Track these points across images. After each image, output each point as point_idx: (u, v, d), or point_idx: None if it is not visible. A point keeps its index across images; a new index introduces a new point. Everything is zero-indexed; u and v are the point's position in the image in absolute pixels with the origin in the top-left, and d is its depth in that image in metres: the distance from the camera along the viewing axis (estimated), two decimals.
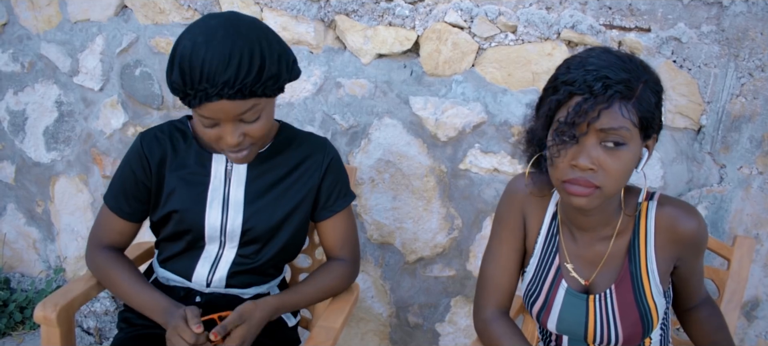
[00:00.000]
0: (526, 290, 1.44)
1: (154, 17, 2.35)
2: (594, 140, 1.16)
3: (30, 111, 2.71)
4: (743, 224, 1.92)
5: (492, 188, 2.11)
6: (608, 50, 1.19)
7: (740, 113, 1.82)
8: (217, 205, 1.52)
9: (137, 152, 1.52)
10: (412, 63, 2.08)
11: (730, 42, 1.77)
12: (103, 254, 1.58)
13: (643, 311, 1.32)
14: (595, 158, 1.16)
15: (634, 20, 1.83)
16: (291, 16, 2.14)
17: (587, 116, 1.13)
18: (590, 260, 1.37)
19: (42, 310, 1.50)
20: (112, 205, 1.57)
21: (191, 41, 1.28)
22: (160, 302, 1.49)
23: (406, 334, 2.41)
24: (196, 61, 1.26)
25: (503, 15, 1.93)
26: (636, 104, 1.14)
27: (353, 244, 1.68)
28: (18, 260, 3.04)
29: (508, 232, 1.45)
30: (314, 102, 2.21)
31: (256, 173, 1.54)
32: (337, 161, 1.62)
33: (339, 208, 1.62)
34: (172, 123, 1.58)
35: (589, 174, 1.17)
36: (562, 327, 1.39)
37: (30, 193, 2.86)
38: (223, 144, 1.38)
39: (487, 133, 2.05)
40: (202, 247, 1.56)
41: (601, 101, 1.12)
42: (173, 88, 1.32)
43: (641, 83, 1.15)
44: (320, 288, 1.62)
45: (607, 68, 1.14)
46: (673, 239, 1.31)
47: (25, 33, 2.60)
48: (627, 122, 1.13)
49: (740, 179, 1.88)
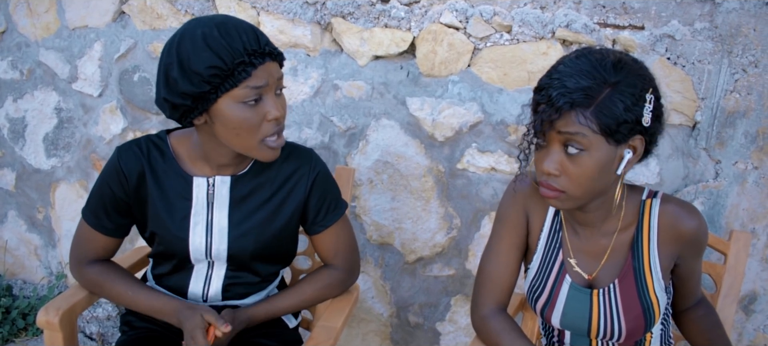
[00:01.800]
0: (530, 286, 1.46)
1: (152, 23, 2.36)
2: (558, 146, 1.21)
3: (29, 118, 2.72)
4: (739, 219, 1.93)
5: (490, 186, 2.12)
6: (585, 54, 1.21)
7: (734, 109, 1.83)
8: (200, 230, 1.48)
9: (114, 168, 1.46)
10: (408, 64, 2.09)
11: (723, 38, 1.78)
12: (91, 268, 1.53)
13: (646, 305, 1.34)
14: (559, 163, 1.21)
15: (627, 18, 1.84)
16: (287, 19, 2.15)
17: (543, 125, 1.19)
18: (593, 255, 1.39)
19: (45, 315, 1.50)
20: (93, 222, 1.51)
21: (202, 29, 1.26)
22: (170, 302, 1.48)
23: (407, 334, 2.42)
24: (232, 32, 1.25)
25: (498, 15, 1.94)
26: (595, 111, 1.15)
27: (347, 252, 1.63)
28: (20, 267, 3.05)
29: (509, 230, 1.46)
30: (312, 104, 2.22)
31: (240, 196, 1.49)
32: (324, 175, 1.55)
33: (330, 222, 1.56)
34: (148, 138, 1.50)
35: (553, 179, 1.23)
36: (566, 322, 1.41)
37: (31, 199, 2.87)
38: (267, 122, 1.32)
39: (483, 132, 2.06)
40: (191, 267, 1.53)
41: (556, 109, 1.16)
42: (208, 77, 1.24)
43: (608, 88, 1.16)
44: (303, 299, 1.59)
45: (570, 77, 1.17)
46: (675, 237, 1.34)
47: (24, 40, 2.61)
48: (584, 129, 1.16)
49: (736, 174, 1.89)
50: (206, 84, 1.25)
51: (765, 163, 1.86)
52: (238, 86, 1.26)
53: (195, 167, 1.48)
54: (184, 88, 1.26)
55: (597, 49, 1.23)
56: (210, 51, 1.23)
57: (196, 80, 1.24)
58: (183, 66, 1.25)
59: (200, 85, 1.25)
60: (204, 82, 1.24)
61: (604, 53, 1.21)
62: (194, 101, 1.28)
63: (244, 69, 1.26)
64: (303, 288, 1.60)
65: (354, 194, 2.27)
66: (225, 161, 1.45)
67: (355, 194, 2.27)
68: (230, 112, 1.29)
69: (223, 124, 1.31)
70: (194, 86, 1.25)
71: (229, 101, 1.28)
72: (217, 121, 1.31)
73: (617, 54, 1.21)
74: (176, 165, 1.48)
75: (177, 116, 1.34)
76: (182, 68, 1.25)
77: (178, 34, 1.29)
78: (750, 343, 2.06)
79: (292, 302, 1.58)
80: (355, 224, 2.31)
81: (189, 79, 1.25)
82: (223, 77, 1.25)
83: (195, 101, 1.28)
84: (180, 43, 1.27)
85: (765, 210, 1.91)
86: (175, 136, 1.51)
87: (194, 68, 1.24)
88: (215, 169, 1.47)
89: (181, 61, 1.25)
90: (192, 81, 1.25)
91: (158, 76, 1.32)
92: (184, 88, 1.26)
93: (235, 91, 1.27)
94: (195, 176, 1.47)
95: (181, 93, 1.27)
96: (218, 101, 1.28)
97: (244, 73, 1.26)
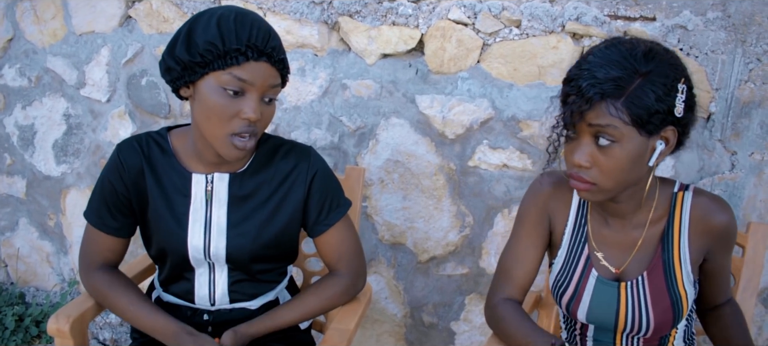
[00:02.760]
0: (555, 281, 1.45)
1: (159, 26, 2.35)
2: (588, 137, 1.20)
3: (38, 125, 2.72)
4: (757, 210, 1.91)
5: (502, 183, 2.10)
6: (615, 44, 1.20)
7: (749, 99, 1.80)
8: (199, 228, 1.47)
9: (114, 163, 1.47)
10: (417, 62, 2.07)
11: (736, 28, 1.75)
12: (98, 276, 1.52)
13: (675, 299, 1.32)
14: (590, 155, 1.20)
15: (638, 10, 1.81)
16: (294, 19, 2.14)
17: (573, 116, 1.18)
18: (623, 247, 1.38)
19: (55, 322, 1.49)
20: (96, 221, 1.50)
21: (224, 11, 1.31)
22: (169, 325, 1.45)
23: (421, 334, 2.40)
24: (246, 22, 1.30)
25: (507, 10, 1.92)
26: (626, 102, 1.14)
27: (351, 256, 1.59)
28: (32, 275, 3.05)
29: (529, 228, 1.46)
30: (321, 105, 2.21)
31: (239, 195, 1.48)
32: (324, 172, 1.54)
33: (333, 220, 1.54)
34: (149, 134, 1.51)
35: (583, 171, 1.22)
36: (592, 316, 1.40)
37: (41, 207, 2.88)
38: (239, 119, 1.33)
39: (495, 129, 2.05)
40: (192, 269, 1.52)
41: (586, 100, 1.15)
42: (203, 50, 1.28)
43: (639, 78, 1.15)
44: (307, 310, 1.56)
45: (600, 67, 1.16)
46: (705, 230, 1.33)
47: (31, 47, 2.61)
48: (615, 120, 1.15)
49: (752, 165, 1.86)
50: (199, 56, 1.29)
51: None
52: (224, 69, 1.30)
53: (193, 164, 1.48)
54: (180, 54, 1.31)
55: (627, 38, 1.22)
56: (217, 29, 1.28)
57: (193, 50, 1.29)
58: (189, 35, 1.31)
59: (194, 56, 1.29)
60: (198, 54, 1.29)
61: (634, 43, 1.19)
62: (183, 69, 1.32)
63: (236, 56, 1.29)
64: (307, 299, 1.57)
65: (365, 194, 2.26)
66: (212, 157, 1.44)
67: (366, 193, 2.26)
68: (209, 92, 1.31)
69: (200, 102, 1.34)
70: (188, 55, 1.30)
71: (212, 81, 1.31)
72: (198, 98, 1.34)
73: (648, 43, 1.20)
74: (175, 161, 1.49)
75: (167, 79, 1.38)
76: (188, 37, 1.31)
77: (203, 11, 1.34)
78: None
79: (295, 314, 1.55)
80: (367, 224, 2.30)
81: (187, 48, 1.30)
82: (215, 56, 1.29)
83: (184, 69, 1.32)
84: (199, 17, 1.32)
85: None
86: (175, 134, 1.53)
87: (196, 39, 1.29)
88: (210, 166, 1.47)
89: (191, 30, 1.31)
90: (189, 50, 1.30)
91: (170, 39, 1.38)
92: (180, 54, 1.31)
93: (220, 74, 1.30)
94: (194, 172, 1.48)
95: (176, 58, 1.32)
96: (204, 78, 1.32)
97: (234, 59, 1.29)
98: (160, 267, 1.58)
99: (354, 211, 1.73)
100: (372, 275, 2.37)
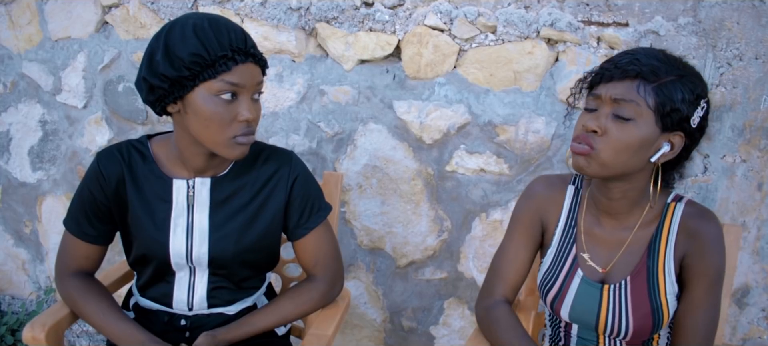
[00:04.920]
0: (542, 278, 1.48)
1: (136, 32, 2.34)
2: (607, 110, 1.25)
3: (14, 131, 2.70)
4: (730, 212, 1.94)
5: (479, 188, 2.11)
6: (664, 51, 1.27)
7: (721, 103, 1.83)
8: (181, 233, 1.47)
9: (94, 172, 1.46)
10: (394, 67, 2.08)
11: (707, 33, 1.78)
12: (73, 282, 1.51)
13: (655, 306, 1.34)
14: (603, 125, 1.24)
15: (611, 16, 1.84)
16: (272, 25, 2.14)
17: (603, 76, 1.25)
18: (610, 246, 1.40)
19: (31, 331, 1.47)
20: (75, 230, 1.50)
21: (194, 20, 1.29)
22: (136, 335, 1.44)
23: (401, 339, 2.41)
24: (222, 27, 1.29)
25: (482, 16, 1.94)
26: (656, 88, 1.20)
27: (329, 261, 1.60)
28: (7, 283, 3.02)
29: (521, 230, 1.50)
30: (298, 110, 2.21)
31: (221, 198, 1.48)
32: (304, 176, 1.55)
33: (313, 224, 1.55)
34: (129, 142, 1.50)
35: (591, 135, 1.26)
36: (575, 315, 1.43)
37: (17, 214, 2.84)
38: (238, 122, 1.33)
39: (471, 133, 2.06)
40: (172, 273, 1.52)
41: (622, 71, 1.22)
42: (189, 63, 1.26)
43: (673, 76, 1.21)
44: (283, 316, 1.56)
45: (643, 55, 1.24)
46: (687, 235, 1.34)
47: (6, 53, 2.59)
48: (640, 99, 1.21)
49: (724, 167, 1.89)
50: (186, 70, 1.27)
51: (753, 155, 1.86)
52: (216, 78, 1.29)
53: (175, 170, 1.48)
54: (165, 71, 1.28)
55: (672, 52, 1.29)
56: (197, 39, 1.26)
57: (178, 65, 1.27)
58: (168, 50, 1.27)
59: (180, 70, 1.27)
60: (185, 68, 1.27)
61: (672, 54, 1.27)
62: (171, 86, 1.29)
63: (225, 62, 1.28)
64: (283, 304, 1.56)
65: (343, 200, 2.26)
66: (200, 163, 1.44)
67: (345, 199, 2.26)
68: (204, 103, 1.30)
69: (195, 113, 1.32)
70: (175, 70, 1.27)
71: (204, 92, 1.29)
72: (191, 110, 1.32)
73: (683, 59, 1.27)
74: (156, 168, 1.48)
75: (152, 99, 1.34)
76: (167, 52, 1.28)
77: (170, 23, 1.31)
78: (744, 336, 2.06)
79: (271, 319, 1.55)
80: (345, 229, 2.30)
81: (171, 63, 1.27)
82: (203, 66, 1.27)
83: (172, 86, 1.29)
84: (170, 30, 1.29)
85: (754, 203, 1.91)
86: (156, 141, 1.52)
87: (178, 53, 1.26)
88: (193, 171, 1.47)
89: (168, 45, 1.28)
90: (173, 65, 1.27)
91: (143, 58, 1.35)
92: (164, 70, 1.28)
93: (212, 83, 1.29)
94: (175, 178, 1.47)
95: (161, 75, 1.28)
96: (195, 90, 1.30)
97: (224, 66, 1.28)
98: (140, 272, 1.57)
99: (333, 216, 1.74)
100: (351, 280, 2.37)
